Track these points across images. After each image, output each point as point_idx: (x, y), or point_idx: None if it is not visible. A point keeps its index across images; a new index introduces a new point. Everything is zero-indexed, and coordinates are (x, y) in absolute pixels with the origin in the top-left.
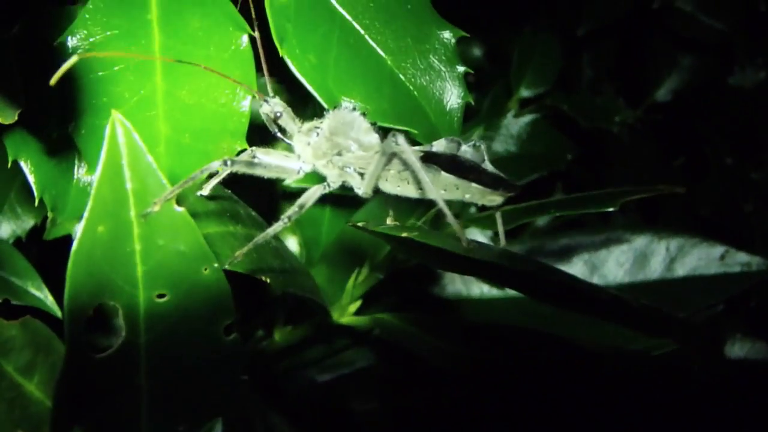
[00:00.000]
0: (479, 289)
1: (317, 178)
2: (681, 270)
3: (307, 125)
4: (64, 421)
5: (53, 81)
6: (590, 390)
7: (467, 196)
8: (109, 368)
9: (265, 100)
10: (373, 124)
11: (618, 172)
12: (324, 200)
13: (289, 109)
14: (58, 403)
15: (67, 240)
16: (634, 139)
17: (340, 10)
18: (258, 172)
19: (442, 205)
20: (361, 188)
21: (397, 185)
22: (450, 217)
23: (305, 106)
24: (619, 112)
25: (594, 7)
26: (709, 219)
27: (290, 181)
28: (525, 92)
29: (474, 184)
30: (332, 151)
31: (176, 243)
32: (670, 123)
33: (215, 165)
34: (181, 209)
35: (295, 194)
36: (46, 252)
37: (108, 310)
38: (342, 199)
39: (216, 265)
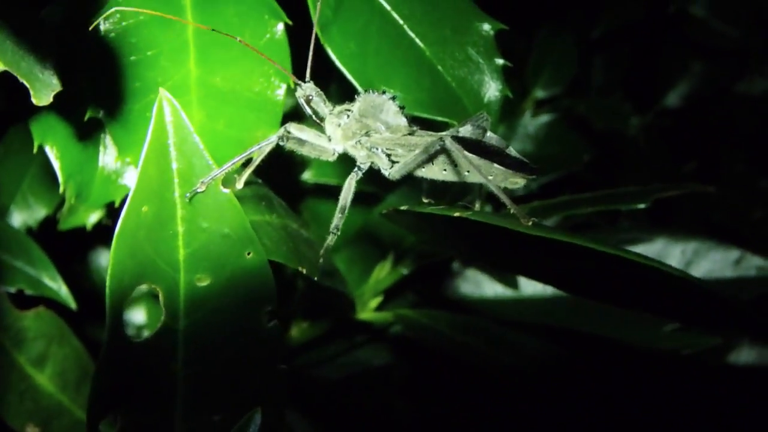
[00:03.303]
0: (492, 289)
1: (336, 172)
2: (696, 273)
3: (339, 108)
4: (101, 406)
5: (91, 27)
6: (607, 386)
7: (490, 178)
8: (147, 354)
9: (298, 84)
10: (402, 107)
11: (629, 176)
12: (337, 196)
13: (322, 93)
14: (96, 388)
15: (78, 235)
16: (648, 142)
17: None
18: (305, 150)
19: (495, 190)
20: (389, 170)
21: (429, 170)
22: (506, 199)
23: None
24: (630, 117)
25: (610, 10)
26: (718, 225)
27: (327, 159)
28: (540, 93)
29: (496, 165)
30: (361, 131)
31: (221, 225)
32: (680, 128)
33: (273, 139)
34: (227, 191)
35: (310, 189)
36: (58, 242)
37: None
38: (356, 196)
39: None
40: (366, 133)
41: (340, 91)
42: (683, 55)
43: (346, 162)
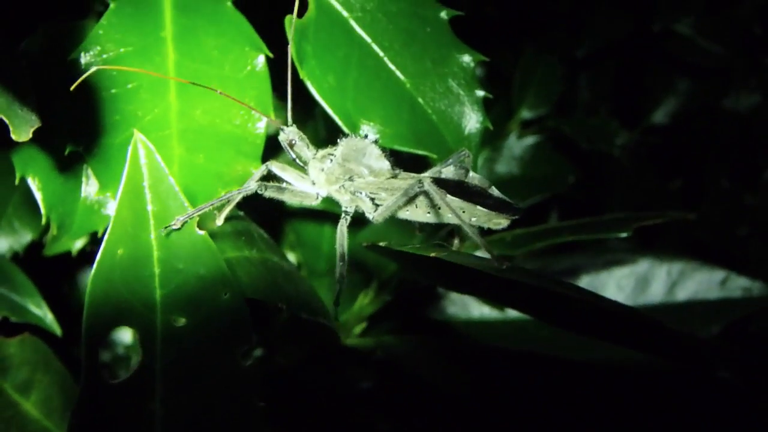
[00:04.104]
0: (479, 311)
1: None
2: (682, 294)
3: (321, 152)
4: None
5: (72, 87)
6: (587, 406)
7: (473, 219)
8: (124, 394)
9: (282, 129)
10: (384, 150)
11: (615, 195)
12: (323, 220)
13: (305, 137)
14: (73, 429)
15: (66, 257)
16: (633, 161)
17: (360, 31)
18: (285, 197)
19: (469, 230)
20: (372, 214)
21: (413, 213)
22: (479, 239)
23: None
24: (617, 135)
25: (594, 29)
26: (704, 243)
27: (310, 204)
28: (526, 114)
29: (480, 207)
30: (344, 176)
31: (196, 267)
32: (666, 146)
33: (253, 187)
34: (202, 232)
35: (297, 212)
36: (44, 268)
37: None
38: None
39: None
40: (349, 177)
41: (324, 123)
42: (669, 73)
43: None
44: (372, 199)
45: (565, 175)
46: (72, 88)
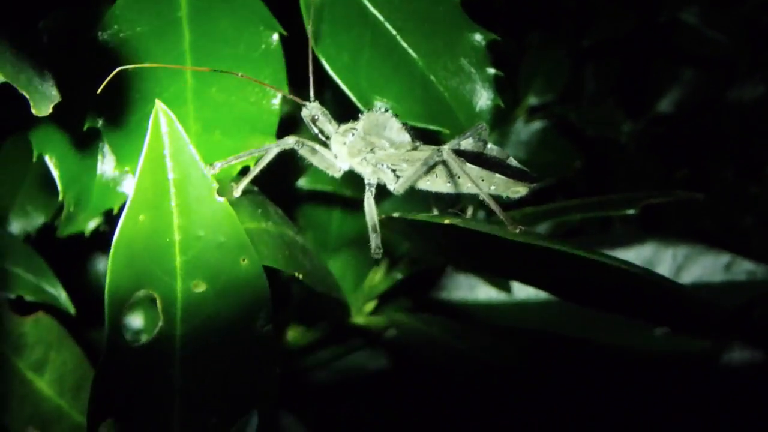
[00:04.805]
0: (486, 294)
1: (331, 179)
2: (687, 278)
3: (344, 127)
4: (101, 409)
5: (99, 90)
6: (598, 388)
7: (492, 188)
8: (145, 358)
9: (304, 105)
10: (404, 124)
11: (620, 183)
12: (331, 203)
13: (327, 112)
14: (95, 392)
15: (79, 240)
16: (639, 149)
17: (373, 11)
18: (315, 159)
19: (486, 197)
20: (394, 185)
21: (434, 183)
22: (495, 206)
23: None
24: (622, 124)
25: (601, 20)
26: (709, 232)
27: (333, 174)
28: (533, 100)
29: (498, 175)
30: (366, 149)
31: (216, 234)
32: (671, 136)
33: (290, 141)
34: (222, 200)
35: (306, 196)
36: (57, 250)
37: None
38: (350, 203)
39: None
40: (371, 150)
41: (334, 100)
42: (674, 63)
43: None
44: (393, 171)
45: (571, 161)
46: (99, 90)
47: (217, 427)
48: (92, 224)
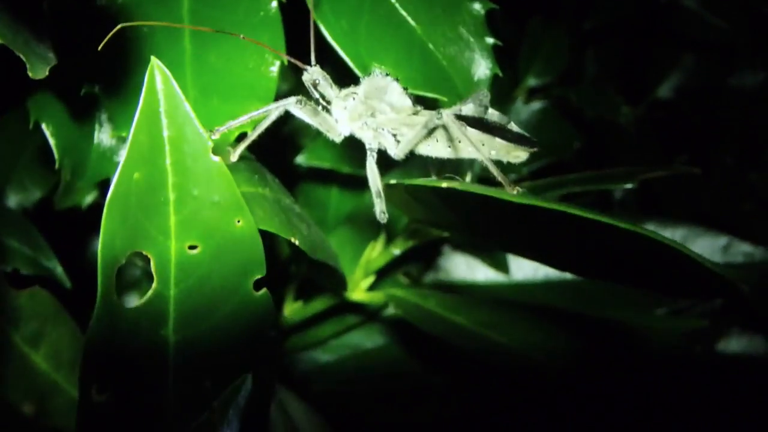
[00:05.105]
0: (484, 274)
1: (330, 155)
2: None
3: (345, 91)
4: (94, 371)
5: (100, 47)
6: (599, 369)
7: (493, 153)
8: (137, 319)
9: (306, 69)
10: (405, 89)
11: (619, 165)
12: (330, 180)
13: (328, 76)
14: (87, 353)
15: (75, 214)
16: (639, 132)
17: None
18: (316, 121)
19: (486, 161)
20: (395, 150)
21: (434, 147)
22: (494, 169)
23: None
24: (622, 106)
25: (602, 2)
26: (707, 216)
27: (334, 138)
28: (532, 81)
29: (498, 139)
30: (367, 113)
31: (211, 193)
32: (671, 121)
33: (292, 100)
34: (217, 158)
35: (304, 173)
36: (54, 225)
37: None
38: (348, 180)
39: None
40: (371, 114)
41: (333, 70)
42: (675, 48)
43: (341, 146)
44: (394, 136)
45: (571, 142)
46: (99, 47)
47: (212, 390)
48: (89, 198)
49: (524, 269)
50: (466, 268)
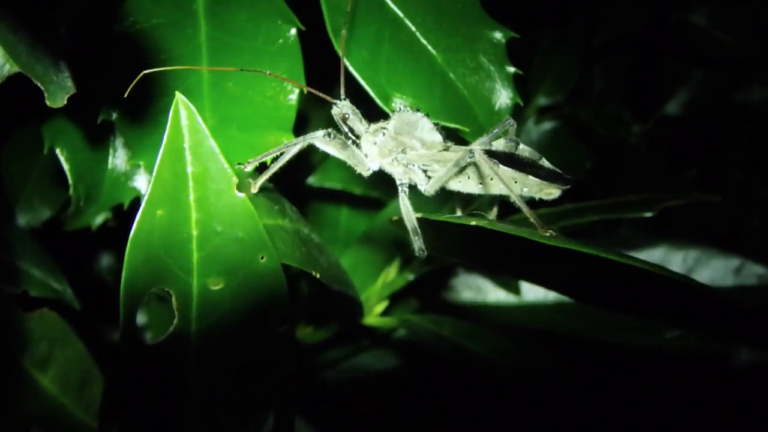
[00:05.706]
0: (495, 296)
1: (340, 177)
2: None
3: (374, 126)
4: (115, 407)
5: (126, 94)
6: (609, 388)
7: (525, 190)
8: (159, 355)
9: (335, 103)
10: (436, 124)
11: (630, 184)
12: (340, 201)
13: (358, 111)
14: (109, 389)
15: (84, 234)
16: (649, 150)
17: (392, 6)
18: (344, 155)
19: (517, 199)
20: (425, 186)
21: (465, 184)
22: (526, 208)
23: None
24: (631, 124)
25: (611, 19)
26: (716, 233)
27: (362, 172)
28: (543, 100)
29: (531, 177)
30: (397, 149)
31: (234, 229)
32: (679, 137)
33: (319, 134)
34: (241, 195)
35: (315, 193)
36: (62, 245)
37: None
38: (358, 201)
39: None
40: (402, 150)
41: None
42: (683, 64)
43: (349, 168)
44: (424, 171)
45: (582, 162)
46: (125, 94)
47: (231, 427)
48: (99, 219)
49: (535, 291)
50: (477, 290)
